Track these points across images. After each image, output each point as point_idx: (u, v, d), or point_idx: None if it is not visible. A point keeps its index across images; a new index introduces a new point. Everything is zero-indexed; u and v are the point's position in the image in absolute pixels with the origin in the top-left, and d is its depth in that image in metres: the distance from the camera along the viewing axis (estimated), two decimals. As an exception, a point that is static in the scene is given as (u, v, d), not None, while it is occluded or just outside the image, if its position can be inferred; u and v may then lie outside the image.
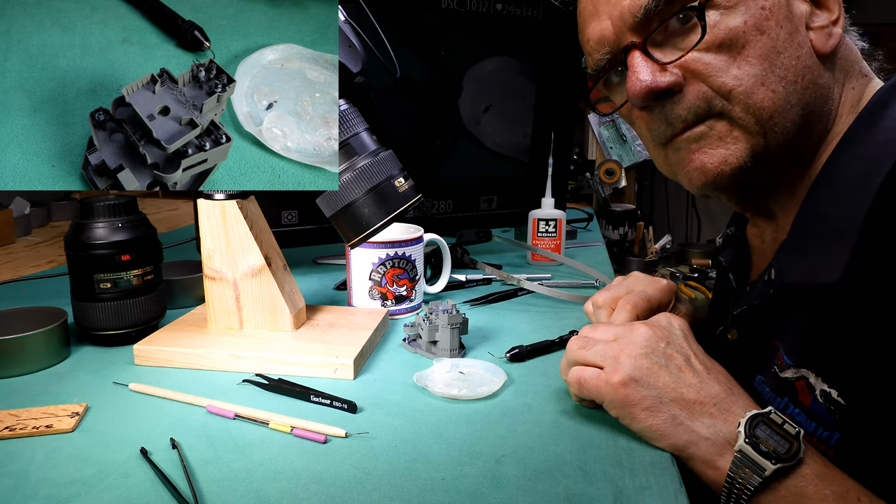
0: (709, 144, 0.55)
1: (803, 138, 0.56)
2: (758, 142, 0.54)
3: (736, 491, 0.47)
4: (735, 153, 0.55)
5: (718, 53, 0.53)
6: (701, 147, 0.56)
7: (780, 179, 0.58)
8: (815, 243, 0.52)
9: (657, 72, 0.54)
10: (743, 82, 0.53)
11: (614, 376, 0.53)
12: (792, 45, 0.53)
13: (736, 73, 0.53)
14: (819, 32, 0.54)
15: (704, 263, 2.41)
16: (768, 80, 0.53)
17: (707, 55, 0.53)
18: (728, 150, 0.55)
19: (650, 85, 0.54)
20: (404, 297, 0.85)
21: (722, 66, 0.53)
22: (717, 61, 0.53)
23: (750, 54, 0.52)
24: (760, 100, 0.53)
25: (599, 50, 0.59)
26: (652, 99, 0.55)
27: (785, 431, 0.47)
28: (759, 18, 0.52)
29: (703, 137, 0.55)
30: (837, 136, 0.56)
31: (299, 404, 0.60)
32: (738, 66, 0.53)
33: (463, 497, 0.45)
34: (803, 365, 0.52)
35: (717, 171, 0.55)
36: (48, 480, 0.47)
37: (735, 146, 0.55)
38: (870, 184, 0.49)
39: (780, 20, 0.53)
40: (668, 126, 0.57)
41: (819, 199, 0.54)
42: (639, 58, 0.55)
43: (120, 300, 0.71)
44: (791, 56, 0.53)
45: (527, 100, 1.16)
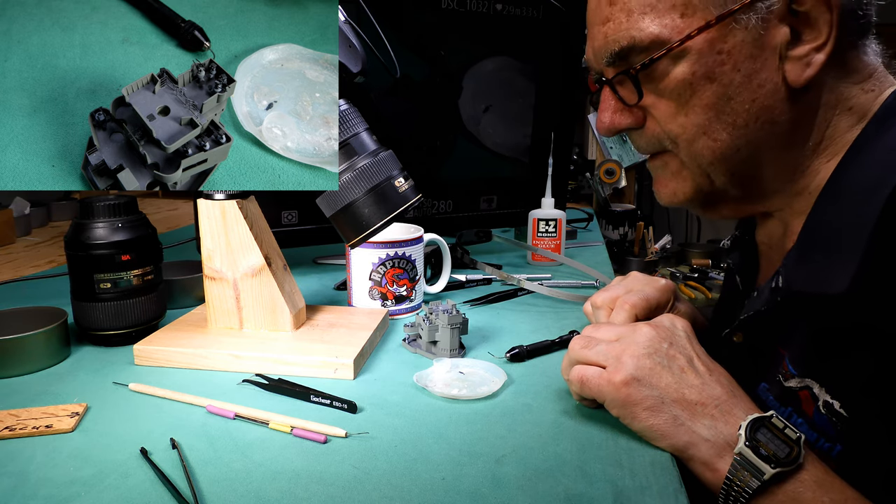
0: (663, 176, 0.61)
1: (764, 169, 0.57)
2: (703, 181, 0.58)
3: (734, 493, 0.47)
4: (683, 188, 0.60)
5: (669, 100, 0.56)
6: (658, 177, 0.62)
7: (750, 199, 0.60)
8: (822, 252, 0.51)
9: (618, 112, 0.59)
10: (686, 131, 0.56)
11: (616, 375, 0.53)
12: (748, 88, 0.53)
13: (682, 120, 0.56)
14: (795, 63, 0.52)
15: (704, 263, 2.41)
16: (711, 129, 0.55)
17: (661, 100, 0.57)
18: (677, 185, 0.60)
19: (608, 125, 0.60)
20: (404, 297, 0.85)
21: (671, 113, 0.56)
22: (667, 107, 0.56)
23: (696, 103, 0.54)
24: (700, 148, 0.56)
25: (590, 69, 0.63)
26: (615, 134, 0.61)
27: (786, 436, 0.47)
28: (711, 66, 0.53)
29: (659, 169, 0.61)
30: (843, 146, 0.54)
31: (299, 404, 0.60)
32: (685, 114, 0.55)
33: (463, 497, 0.45)
34: (808, 375, 0.52)
35: (669, 199, 0.62)
36: (48, 480, 0.47)
37: (684, 183, 0.60)
38: (878, 194, 0.48)
39: (738, 62, 0.52)
40: (637, 149, 0.63)
41: (827, 209, 0.53)
42: (606, 94, 0.60)
43: (120, 300, 0.71)
44: (744, 100, 0.53)
45: (527, 100, 1.16)
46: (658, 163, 0.61)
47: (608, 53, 0.56)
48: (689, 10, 0.52)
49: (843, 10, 0.51)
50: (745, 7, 0.51)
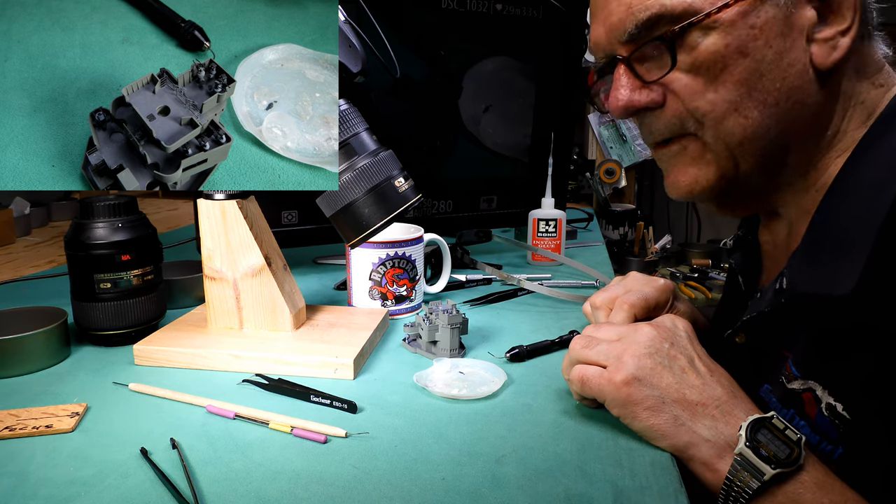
0: (682, 162, 0.58)
1: (787, 155, 0.55)
2: (728, 165, 0.55)
3: (734, 494, 0.47)
4: (706, 174, 0.57)
5: (697, 76, 0.53)
6: (675, 164, 0.58)
7: (767, 191, 0.59)
8: (828, 253, 0.51)
9: (636, 90, 0.56)
10: (716, 108, 0.53)
11: (617, 375, 0.52)
12: (779, 66, 0.52)
13: (711, 97, 0.53)
14: (822, 45, 0.52)
15: (704, 263, 2.41)
16: (742, 106, 0.52)
17: (686, 76, 0.53)
18: (699, 171, 0.57)
19: (626, 104, 0.56)
20: (404, 297, 0.85)
21: (699, 89, 0.53)
22: (694, 84, 0.53)
23: (727, 79, 0.52)
24: (731, 126, 0.53)
25: (597, 52, 0.60)
26: (630, 115, 0.58)
27: (786, 437, 0.47)
28: (744, 40, 0.51)
29: (677, 155, 0.58)
30: (851, 143, 0.54)
31: (299, 404, 0.60)
32: (715, 91, 0.53)
33: (463, 497, 0.45)
34: (811, 377, 0.52)
35: (688, 189, 0.58)
36: (48, 480, 0.47)
37: (707, 168, 0.56)
38: (884, 194, 0.47)
39: (770, 39, 0.51)
40: (649, 135, 0.59)
41: (832, 208, 0.53)
42: (622, 72, 0.56)
43: (120, 300, 0.71)
44: (775, 78, 0.52)
45: (527, 100, 1.16)
46: (675, 148, 0.57)
47: (632, 25, 0.53)
48: None
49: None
50: None
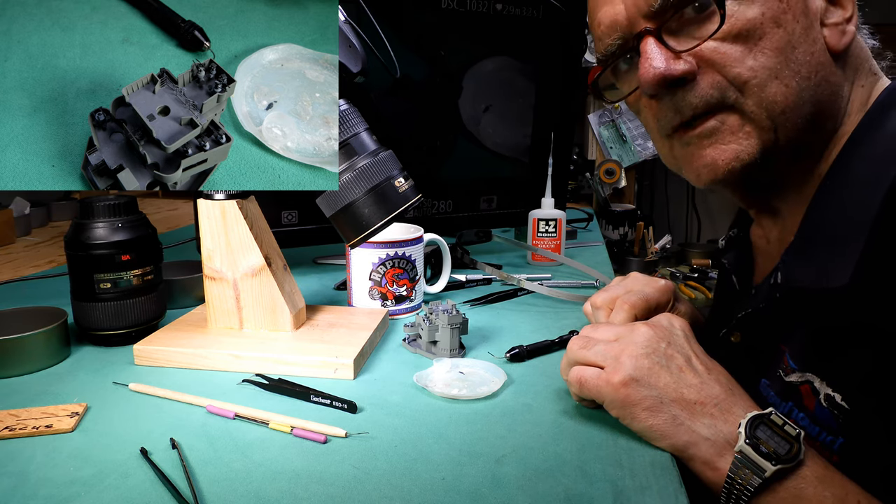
0: (720, 140, 0.55)
1: (812, 135, 0.55)
2: (769, 137, 0.53)
3: (736, 492, 0.47)
4: (747, 149, 0.54)
5: (735, 43, 0.52)
6: (713, 143, 0.55)
7: (787, 176, 0.58)
8: (822, 247, 0.52)
9: (671, 59, 0.53)
10: (758, 74, 0.52)
11: (615, 376, 0.52)
12: (807, 41, 0.53)
13: (752, 63, 0.52)
14: (833, 29, 0.54)
15: (704, 263, 2.41)
16: (782, 74, 0.52)
17: (724, 45, 0.52)
18: (740, 146, 0.54)
19: (664, 72, 0.53)
20: (404, 297, 0.85)
21: (738, 57, 0.52)
22: (733, 51, 0.52)
23: (766, 46, 0.52)
24: (773, 93, 0.52)
25: (611, 35, 0.57)
26: (664, 87, 0.54)
27: (785, 433, 0.47)
28: (776, 11, 0.52)
29: (714, 133, 0.55)
30: (846, 134, 0.55)
31: (299, 404, 0.60)
32: (755, 58, 0.52)
33: (463, 497, 0.45)
34: (808, 369, 0.52)
35: (727, 167, 0.55)
36: (48, 480, 0.47)
37: (747, 141, 0.54)
38: (878, 187, 0.48)
39: (796, 14, 0.52)
40: (676, 114, 0.56)
41: (826, 202, 0.54)
42: (652, 44, 0.54)
43: (120, 300, 0.71)
44: (806, 52, 0.53)
45: (527, 100, 1.16)
46: (712, 123, 0.54)
47: None
48: None
49: None
50: None
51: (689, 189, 2.99)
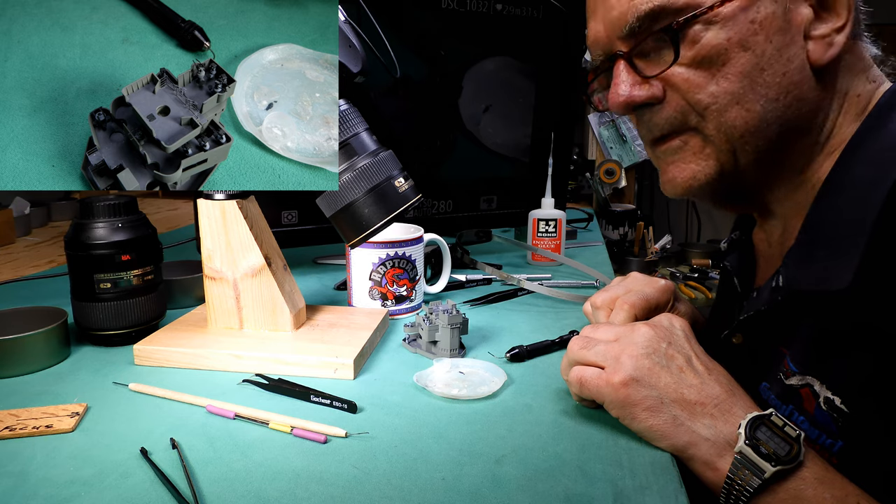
0: (682, 159, 0.58)
1: (785, 151, 0.56)
2: (727, 159, 0.56)
3: (735, 492, 0.47)
4: (704, 169, 0.57)
5: (699, 69, 0.53)
6: (675, 161, 0.58)
7: (770, 185, 0.59)
8: (823, 250, 0.51)
9: (636, 85, 0.56)
10: (719, 100, 0.53)
11: (615, 376, 0.53)
12: (779, 61, 0.52)
13: (713, 89, 0.53)
14: (818, 42, 0.53)
15: (704, 263, 2.41)
16: (745, 99, 0.53)
17: (687, 70, 0.54)
18: (698, 167, 0.57)
19: (626, 100, 0.57)
20: (404, 297, 0.85)
21: (701, 83, 0.54)
22: (696, 77, 0.54)
23: (730, 71, 0.53)
24: (733, 118, 0.54)
25: (594, 50, 0.60)
26: (630, 110, 0.58)
27: (785, 434, 0.47)
28: (745, 34, 0.52)
29: (677, 152, 0.58)
30: (843, 140, 0.55)
31: (299, 404, 0.60)
32: (717, 83, 0.53)
33: (463, 497, 0.45)
34: (809, 372, 0.52)
35: (685, 185, 0.58)
36: (48, 480, 0.47)
37: (706, 162, 0.57)
38: (878, 189, 0.48)
39: (770, 34, 0.52)
40: (647, 132, 0.59)
41: (827, 205, 0.53)
42: (622, 68, 0.57)
43: (120, 300, 0.71)
44: (776, 73, 0.52)
45: (527, 100, 1.16)
46: (676, 143, 0.57)
47: (634, 18, 0.54)
48: None
49: None
50: None
51: (689, 189, 2.98)
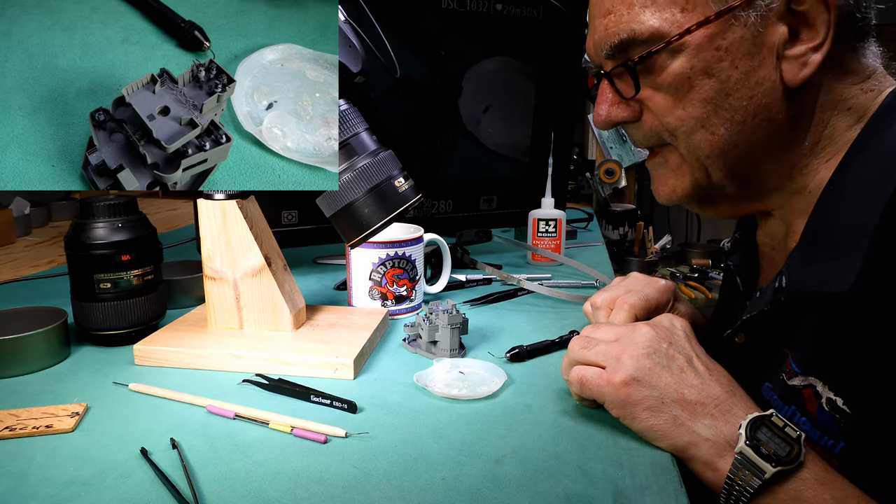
0: (663, 173, 0.62)
1: (759, 167, 0.57)
2: (701, 175, 0.59)
3: (735, 492, 0.47)
4: (682, 184, 0.60)
5: (667, 94, 0.56)
6: (658, 174, 0.62)
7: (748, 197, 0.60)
8: (825, 252, 0.52)
9: (615, 105, 0.60)
10: (684, 123, 0.56)
11: (616, 376, 0.53)
12: (745, 86, 0.53)
13: (680, 114, 0.56)
14: (792, 62, 0.52)
15: (704, 263, 2.41)
16: (709, 123, 0.55)
17: (658, 94, 0.57)
18: (677, 181, 0.61)
19: (604, 118, 0.60)
20: (404, 297, 0.85)
21: (668, 107, 0.57)
22: (664, 101, 0.56)
23: (694, 97, 0.55)
24: (699, 141, 0.56)
25: (591, 60, 0.62)
26: (611, 127, 0.61)
27: (786, 434, 0.47)
28: (709, 61, 0.53)
29: (659, 167, 0.62)
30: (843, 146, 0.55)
31: (299, 404, 0.60)
32: (683, 108, 0.56)
33: (463, 497, 0.45)
34: (811, 373, 0.52)
35: (666, 197, 0.62)
36: (48, 480, 0.47)
37: (682, 178, 0.60)
38: (880, 192, 0.48)
39: (736, 59, 0.53)
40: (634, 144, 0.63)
41: (830, 207, 0.53)
42: (605, 86, 0.60)
43: (120, 300, 0.71)
44: (742, 97, 0.54)
45: (527, 100, 1.16)
46: (658, 159, 0.61)
47: (608, 45, 0.57)
48: (689, 6, 0.53)
49: (841, 12, 0.51)
50: (745, 4, 0.51)
51: (689, 189, 2.99)
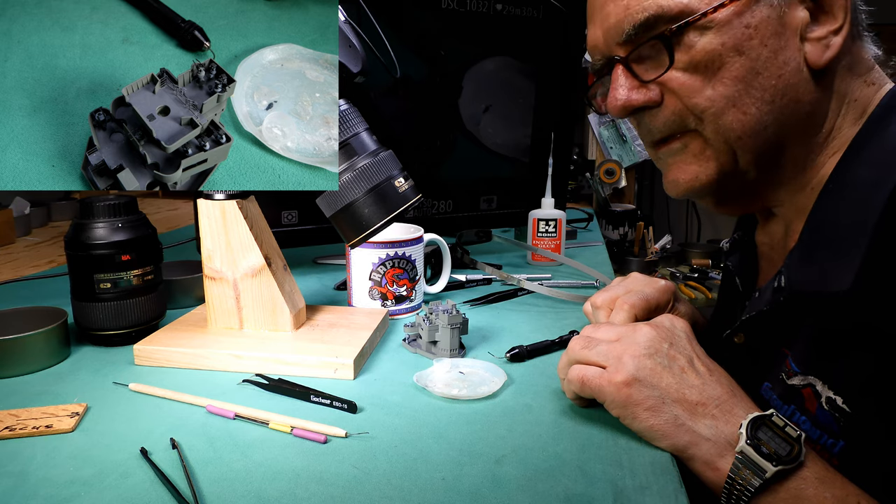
0: (683, 161, 0.59)
1: (784, 153, 0.56)
2: (727, 160, 0.56)
3: (736, 492, 0.47)
4: (705, 171, 0.58)
5: (694, 74, 0.54)
6: (676, 162, 0.59)
7: (765, 188, 0.59)
8: (825, 251, 0.52)
9: (634, 89, 0.57)
10: (715, 104, 0.54)
11: (617, 376, 0.52)
12: (774, 65, 0.53)
13: (709, 94, 0.54)
14: (815, 44, 0.53)
15: (704, 263, 2.41)
16: (741, 102, 0.54)
17: (684, 75, 0.55)
18: (700, 168, 0.58)
19: (623, 103, 0.57)
20: (404, 297, 0.85)
21: (696, 87, 0.54)
22: (692, 81, 0.54)
23: (725, 76, 0.53)
24: (730, 121, 0.54)
25: (594, 54, 0.61)
26: (629, 114, 0.59)
27: (786, 434, 0.47)
28: (739, 39, 0.52)
29: (679, 153, 0.59)
30: (845, 142, 0.55)
31: (299, 404, 0.60)
32: (713, 87, 0.54)
33: (463, 497, 0.45)
34: (811, 372, 0.52)
35: (687, 185, 0.59)
36: (48, 480, 0.47)
37: (707, 164, 0.57)
38: (879, 191, 0.48)
39: (765, 38, 0.52)
40: (647, 134, 0.60)
41: (829, 206, 0.54)
42: (620, 72, 0.58)
43: (120, 300, 0.71)
44: (771, 76, 0.53)
45: (527, 100, 1.16)
46: (676, 145, 0.58)
47: (631, 25, 0.55)
48: None
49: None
50: None
51: (689, 189, 2.99)
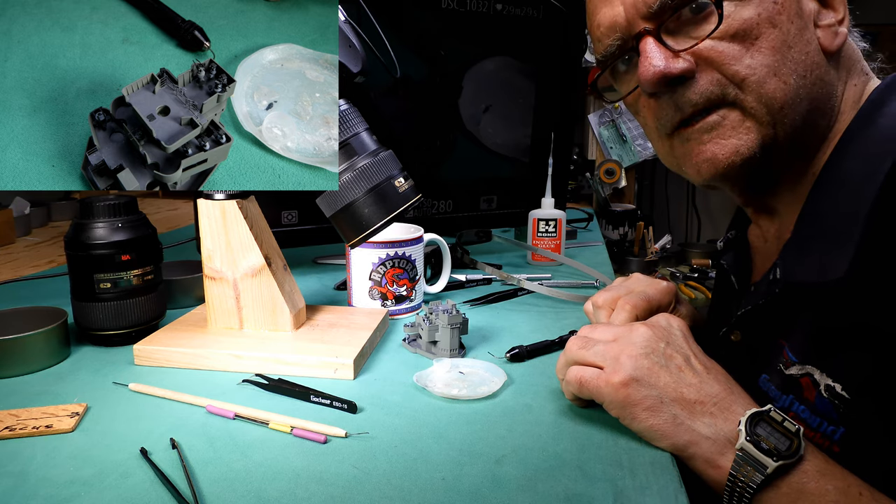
0: (721, 135, 0.56)
1: (808, 133, 0.57)
2: (768, 132, 0.55)
3: (738, 489, 0.47)
4: (747, 143, 0.55)
5: (732, 42, 0.54)
6: (713, 137, 0.56)
7: (784, 173, 0.59)
8: (819, 241, 0.53)
9: (670, 58, 0.55)
10: (756, 71, 0.53)
11: (615, 376, 0.53)
12: (801, 41, 0.54)
13: (749, 62, 0.53)
14: (826, 31, 0.56)
15: (704, 263, 2.41)
16: (780, 72, 0.53)
17: (721, 44, 0.54)
18: (740, 140, 0.55)
19: (663, 70, 0.54)
20: (404, 297, 0.85)
21: (736, 55, 0.53)
22: (731, 50, 0.53)
23: (763, 45, 0.53)
24: (772, 90, 0.53)
25: (610, 36, 0.59)
26: (664, 85, 0.55)
27: (785, 429, 0.47)
28: (771, 12, 0.53)
29: (715, 127, 0.56)
30: (839, 133, 0.56)
31: (299, 404, 0.60)
32: (752, 56, 0.53)
33: (463, 497, 0.45)
34: (808, 361, 0.53)
35: (728, 161, 0.56)
36: (48, 480, 0.47)
37: (747, 136, 0.55)
38: (870, 183, 0.49)
39: (791, 15, 0.54)
40: (676, 112, 0.57)
41: (822, 198, 0.55)
42: (652, 44, 0.55)
43: (120, 300, 0.71)
44: (801, 51, 0.54)
45: (527, 100, 1.16)
46: (714, 118, 0.55)
47: None
48: None
49: None
50: None
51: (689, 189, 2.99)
